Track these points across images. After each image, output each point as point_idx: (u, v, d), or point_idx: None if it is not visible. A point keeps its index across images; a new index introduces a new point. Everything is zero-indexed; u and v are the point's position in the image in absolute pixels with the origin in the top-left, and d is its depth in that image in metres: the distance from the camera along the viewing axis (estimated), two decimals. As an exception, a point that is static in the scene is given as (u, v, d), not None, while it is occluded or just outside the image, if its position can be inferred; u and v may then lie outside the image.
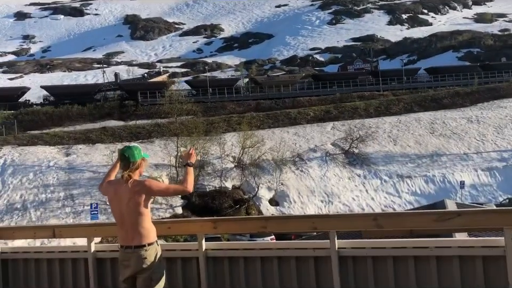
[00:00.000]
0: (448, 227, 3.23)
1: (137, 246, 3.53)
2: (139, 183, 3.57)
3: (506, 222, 3.03)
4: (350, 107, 48.43)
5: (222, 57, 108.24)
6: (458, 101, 49.63)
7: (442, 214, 3.27)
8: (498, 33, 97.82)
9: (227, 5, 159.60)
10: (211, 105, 51.63)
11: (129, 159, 3.62)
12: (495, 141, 41.06)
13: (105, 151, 37.23)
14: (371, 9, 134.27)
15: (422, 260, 3.25)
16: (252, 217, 6.00)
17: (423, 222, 3.29)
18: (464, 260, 3.15)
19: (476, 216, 3.25)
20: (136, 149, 3.71)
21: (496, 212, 3.27)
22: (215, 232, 4.02)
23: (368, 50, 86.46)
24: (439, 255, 3.21)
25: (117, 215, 3.65)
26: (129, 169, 3.59)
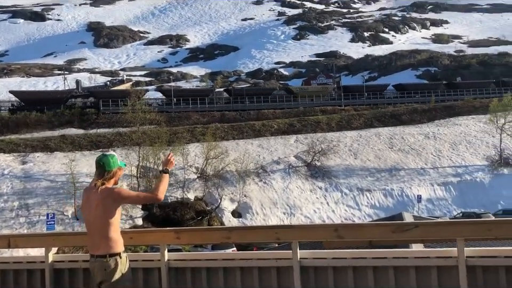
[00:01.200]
0: (405, 238, 3.36)
1: (100, 255, 3.47)
2: (108, 190, 3.52)
3: (459, 234, 3.18)
4: (313, 121, 49.19)
5: (187, 68, 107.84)
6: (416, 117, 51.31)
7: (400, 225, 3.40)
8: (454, 53, 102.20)
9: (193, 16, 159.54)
10: (175, 115, 51.22)
11: (104, 167, 3.58)
12: (450, 157, 42.63)
13: (64, 160, 36.16)
14: (334, 26, 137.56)
15: (380, 270, 3.35)
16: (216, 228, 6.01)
17: (382, 233, 3.40)
18: (420, 270, 3.27)
19: (432, 228, 3.40)
20: (113, 157, 3.66)
21: (450, 224, 3.44)
22: (178, 242, 4.00)
23: (331, 66, 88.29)
24: (396, 265, 3.32)
25: (86, 223, 3.60)
26: (103, 177, 3.55)
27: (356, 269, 3.40)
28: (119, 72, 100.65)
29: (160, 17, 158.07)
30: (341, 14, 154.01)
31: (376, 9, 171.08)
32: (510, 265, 3.13)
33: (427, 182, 39.16)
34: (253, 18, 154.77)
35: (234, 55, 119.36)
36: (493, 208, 34.62)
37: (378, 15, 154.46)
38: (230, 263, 3.74)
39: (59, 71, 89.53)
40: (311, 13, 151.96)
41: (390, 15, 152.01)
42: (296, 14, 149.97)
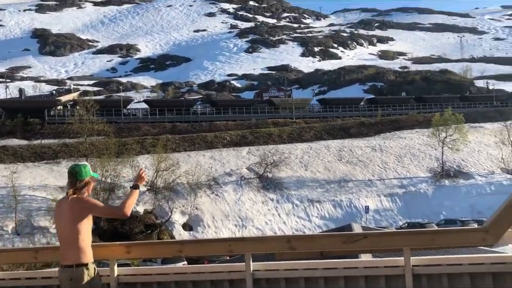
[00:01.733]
0: (355, 248, 3.45)
1: (67, 265, 3.41)
2: (77, 200, 3.47)
3: (405, 243, 3.31)
4: (265, 133, 49.63)
5: (138, 78, 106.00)
6: (363, 130, 52.97)
7: (350, 236, 3.49)
8: (399, 69, 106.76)
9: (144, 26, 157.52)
10: (124, 126, 50.09)
11: (76, 176, 3.55)
12: (396, 168, 44.25)
13: (4, 172, 34.36)
14: (286, 40, 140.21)
15: (331, 280, 3.42)
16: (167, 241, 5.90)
17: (332, 243, 3.48)
18: (369, 279, 3.37)
19: (380, 238, 3.52)
20: (85, 167, 3.63)
21: (396, 234, 3.57)
22: (129, 257, 3.90)
23: (282, 79, 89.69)
24: (347, 275, 3.40)
25: (57, 233, 3.56)
26: (75, 186, 3.51)
27: (307, 279, 3.45)
28: (65, 81, 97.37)
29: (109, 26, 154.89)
30: (292, 29, 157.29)
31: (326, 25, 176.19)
32: (452, 272, 3.28)
33: (374, 193, 40.37)
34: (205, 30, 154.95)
35: (186, 66, 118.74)
36: (435, 218, 36.17)
37: (327, 30, 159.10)
38: (182, 277, 3.68)
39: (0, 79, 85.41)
40: (263, 26, 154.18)
41: (338, 31, 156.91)
42: (249, 27, 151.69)
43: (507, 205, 3.18)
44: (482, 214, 35.35)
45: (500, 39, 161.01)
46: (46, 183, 35.15)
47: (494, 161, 45.51)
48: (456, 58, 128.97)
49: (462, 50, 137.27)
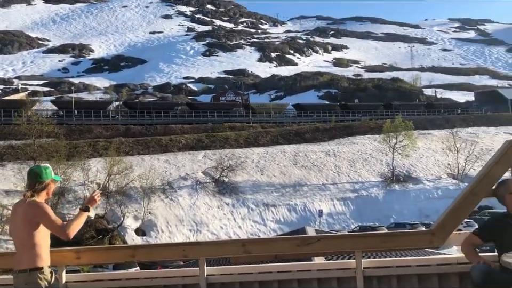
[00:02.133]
0: (309, 251, 3.50)
1: (21, 270, 3.27)
2: (33, 204, 3.31)
3: (357, 246, 3.40)
4: (221, 137, 49.51)
5: (90, 79, 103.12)
6: (318, 135, 53.92)
7: (304, 239, 3.54)
8: (352, 77, 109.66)
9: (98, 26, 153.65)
10: (76, 128, 48.54)
11: (36, 178, 3.38)
12: (349, 173, 45.30)
13: None
14: (243, 45, 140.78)
15: (285, 283, 3.45)
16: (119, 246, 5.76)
17: (287, 247, 3.52)
18: (322, 281, 3.43)
19: (333, 241, 3.59)
20: (46, 168, 3.46)
21: (349, 237, 3.66)
22: (78, 262, 3.77)
23: (239, 84, 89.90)
24: (300, 278, 3.45)
25: (12, 236, 3.43)
26: (34, 188, 3.35)
27: (262, 283, 3.47)
28: (13, 81, 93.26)
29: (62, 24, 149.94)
30: (249, 34, 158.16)
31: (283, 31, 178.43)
32: (401, 274, 3.40)
33: (328, 197, 41.13)
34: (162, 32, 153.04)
35: (141, 67, 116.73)
36: (386, 221, 37.27)
37: (284, 37, 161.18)
38: (134, 283, 3.61)
39: None
40: (220, 30, 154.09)
41: (295, 38, 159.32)
42: (206, 31, 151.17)
43: (452, 209, 3.33)
44: (430, 217, 36.78)
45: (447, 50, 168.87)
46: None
47: (441, 166, 47.50)
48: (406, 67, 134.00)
49: (412, 60, 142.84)
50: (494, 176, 3.25)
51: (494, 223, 3.15)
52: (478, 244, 3.17)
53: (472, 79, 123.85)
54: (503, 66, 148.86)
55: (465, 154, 45.91)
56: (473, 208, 3.41)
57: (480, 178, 3.29)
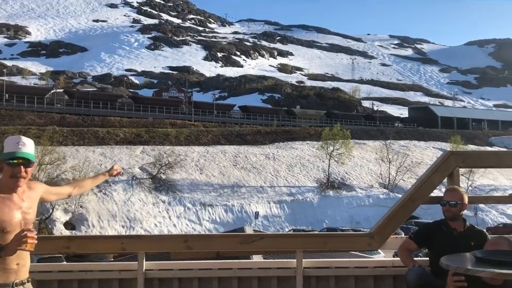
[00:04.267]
0: (251, 249, 3.50)
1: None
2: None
3: (299, 246, 3.44)
4: (161, 133, 48.59)
5: (26, 63, 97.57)
6: (259, 138, 54.42)
7: (248, 237, 3.54)
8: (295, 83, 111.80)
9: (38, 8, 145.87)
10: (5, 113, 45.70)
11: None
12: (286, 177, 46.07)
13: None
14: (190, 42, 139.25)
15: (225, 281, 3.43)
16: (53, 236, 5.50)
17: (230, 244, 3.49)
18: (262, 280, 3.44)
19: (276, 239, 3.62)
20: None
21: (291, 237, 3.70)
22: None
23: (183, 81, 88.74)
24: (240, 276, 3.43)
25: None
26: None
27: (201, 279, 3.42)
28: None
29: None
30: (196, 31, 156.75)
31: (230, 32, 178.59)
32: (339, 275, 3.49)
33: (264, 200, 41.56)
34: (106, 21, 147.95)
35: (81, 56, 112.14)
36: (319, 226, 38.26)
37: (231, 38, 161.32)
38: (67, 275, 3.43)
39: None
40: (167, 25, 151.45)
41: (242, 40, 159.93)
42: (152, 24, 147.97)
43: (390, 214, 3.47)
44: (360, 224, 38.20)
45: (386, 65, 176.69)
46: None
47: (373, 176, 49.52)
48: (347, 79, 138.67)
49: (352, 72, 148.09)
50: (431, 184, 3.42)
51: (429, 229, 3.31)
52: (413, 249, 3.31)
53: (407, 94, 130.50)
54: (435, 84, 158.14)
55: (397, 166, 48.15)
56: (411, 213, 3.57)
57: (419, 186, 3.45)
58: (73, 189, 2.88)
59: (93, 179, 3.05)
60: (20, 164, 2.40)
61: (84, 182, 3.00)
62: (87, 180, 3.04)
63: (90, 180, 3.03)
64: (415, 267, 3.08)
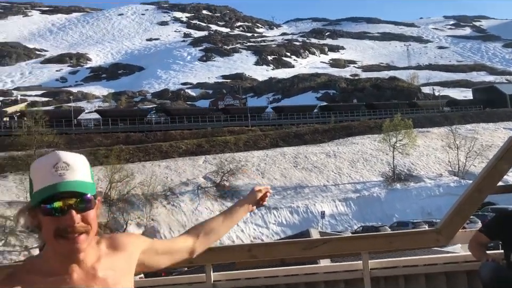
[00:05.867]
0: (315, 254, 3.49)
1: None
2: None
3: (363, 247, 3.38)
4: (221, 141, 49.50)
5: (89, 87, 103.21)
6: (318, 137, 53.91)
7: (311, 242, 3.52)
8: (349, 77, 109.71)
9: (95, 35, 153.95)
10: (75, 138, 48.54)
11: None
12: (350, 174, 45.27)
13: None
14: (240, 49, 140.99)
15: (292, 287, 3.44)
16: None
17: (293, 250, 3.50)
18: (329, 284, 3.41)
19: (339, 243, 3.58)
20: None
21: (355, 239, 3.64)
22: None
23: (237, 88, 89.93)
24: (307, 282, 3.43)
25: None
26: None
27: (268, 287, 3.45)
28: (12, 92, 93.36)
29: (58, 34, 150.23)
30: (245, 38, 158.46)
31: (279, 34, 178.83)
32: (408, 274, 3.39)
33: (329, 199, 41.09)
34: (158, 39, 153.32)
35: (139, 75, 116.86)
36: (388, 221, 37.22)
37: (280, 40, 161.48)
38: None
39: None
40: (216, 35, 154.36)
41: (291, 40, 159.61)
42: (202, 36, 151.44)
43: (457, 207, 3.33)
44: (432, 215, 36.73)
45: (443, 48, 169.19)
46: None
47: (441, 164, 47.48)
48: (403, 66, 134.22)
49: (408, 58, 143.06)
50: (499, 172, 3.24)
51: (501, 220, 3.13)
52: (485, 242, 3.16)
53: (470, 75, 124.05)
54: (500, 62, 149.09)
55: (465, 151, 45.89)
56: (479, 205, 3.40)
57: (485, 175, 3.29)
58: (196, 240, 1.71)
59: (225, 216, 1.85)
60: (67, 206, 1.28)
61: (211, 225, 1.79)
62: (215, 219, 1.85)
63: (221, 217, 1.85)
64: (489, 261, 2.93)
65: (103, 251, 1.39)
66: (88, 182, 1.33)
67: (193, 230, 1.79)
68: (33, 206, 1.31)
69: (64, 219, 1.27)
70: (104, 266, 1.35)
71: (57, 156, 1.34)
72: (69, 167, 1.31)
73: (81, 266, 1.31)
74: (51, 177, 1.28)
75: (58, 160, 1.31)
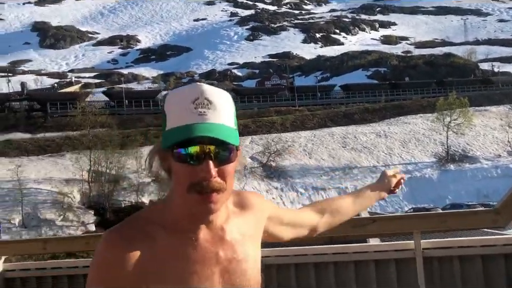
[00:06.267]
0: (364, 233, 3.39)
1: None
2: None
3: (415, 227, 3.25)
4: (267, 121, 49.53)
5: (139, 69, 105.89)
6: (367, 116, 52.78)
7: (360, 220, 3.42)
8: (402, 54, 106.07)
9: (144, 16, 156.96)
10: (127, 118, 50.10)
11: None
12: (401, 154, 44.15)
13: (9, 165, 34.47)
14: (287, 27, 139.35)
15: (341, 266, 3.37)
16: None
17: (342, 228, 3.41)
18: (379, 263, 3.31)
19: (389, 222, 3.45)
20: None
21: (406, 218, 3.50)
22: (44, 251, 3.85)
23: (284, 67, 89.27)
24: (356, 260, 3.35)
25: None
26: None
27: (317, 265, 3.40)
28: (67, 74, 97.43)
29: (109, 17, 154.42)
30: (293, 15, 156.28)
31: (327, 11, 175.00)
32: (463, 254, 3.23)
33: (379, 179, 40.33)
34: (205, 19, 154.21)
35: (187, 55, 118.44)
36: (441, 202, 36.14)
37: (329, 16, 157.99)
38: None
39: (2, 73, 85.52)
40: (263, 14, 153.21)
41: (340, 17, 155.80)
42: (249, 15, 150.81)
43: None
44: (489, 197, 35.26)
45: (504, 21, 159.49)
46: (50, 176, 35.29)
47: (499, 144, 45.31)
48: (460, 42, 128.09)
49: (465, 33, 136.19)
50: None
51: None
52: None
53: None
54: None
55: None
56: (545, 184, 3.16)
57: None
58: (321, 218, 1.46)
59: (355, 198, 1.60)
60: (204, 154, 1.05)
61: (338, 204, 1.54)
62: (343, 199, 1.58)
63: (349, 199, 1.59)
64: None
65: (230, 209, 1.18)
66: (232, 127, 1.09)
67: (317, 206, 1.49)
68: (164, 147, 1.10)
69: (199, 169, 1.03)
70: (232, 229, 1.14)
71: (199, 88, 1.08)
72: (212, 105, 1.06)
73: (210, 227, 1.11)
74: (189, 115, 1.06)
75: (199, 94, 1.07)
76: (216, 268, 1.09)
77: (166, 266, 1.04)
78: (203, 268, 1.07)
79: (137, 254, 1.02)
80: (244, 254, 1.13)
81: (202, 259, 1.08)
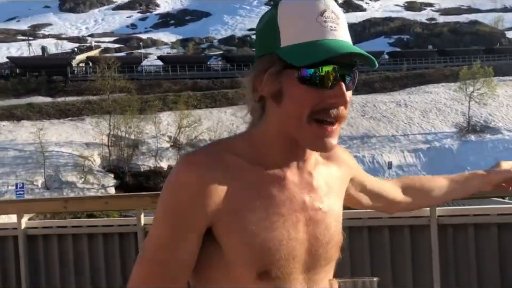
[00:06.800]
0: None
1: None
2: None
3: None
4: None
5: (158, 34, 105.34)
6: (388, 85, 51.89)
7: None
8: (426, 21, 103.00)
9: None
10: (145, 83, 50.27)
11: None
12: (421, 124, 43.55)
13: (31, 129, 35.20)
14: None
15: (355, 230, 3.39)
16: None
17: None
18: (393, 229, 3.34)
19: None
20: None
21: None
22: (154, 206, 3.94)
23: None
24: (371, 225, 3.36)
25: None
26: None
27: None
28: (87, 39, 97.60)
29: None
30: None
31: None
32: (478, 222, 3.22)
33: (398, 149, 40.03)
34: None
35: (206, 21, 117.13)
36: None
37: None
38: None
39: (23, 37, 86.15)
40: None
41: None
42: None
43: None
44: (509, 169, 34.78)
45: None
46: (71, 139, 35.95)
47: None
48: (487, 9, 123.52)
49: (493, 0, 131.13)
50: None
51: None
52: None
53: None
54: None
55: (552, 102, 42.39)
56: None
57: None
58: (405, 195, 1.24)
59: (451, 182, 1.29)
60: (339, 76, 0.91)
61: (429, 184, 1.28)
62: (437, 180, 1.29)
63: (445, 181, 1.29)
64: None
65: (316, 156, 0.99)
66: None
67: (404, 182, 1.28)
68: (279, 67, 0.88)
69: (329, 94, 0.87)
70: (319, 177, 0.97)
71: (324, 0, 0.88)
72: (339, 20, 0.92)
73: (300, 166, 0.95)
74: (319, 29, 0.87)
75: (326, 6, 0.89)
76: (301, 215, 0.93)
77: (246, 201, 0.89)
78: (289, 211, 0.91)
79: (214, 182, 0.88)
80: (329, 207, 0.97)
81: (289, 201, 0.91)
